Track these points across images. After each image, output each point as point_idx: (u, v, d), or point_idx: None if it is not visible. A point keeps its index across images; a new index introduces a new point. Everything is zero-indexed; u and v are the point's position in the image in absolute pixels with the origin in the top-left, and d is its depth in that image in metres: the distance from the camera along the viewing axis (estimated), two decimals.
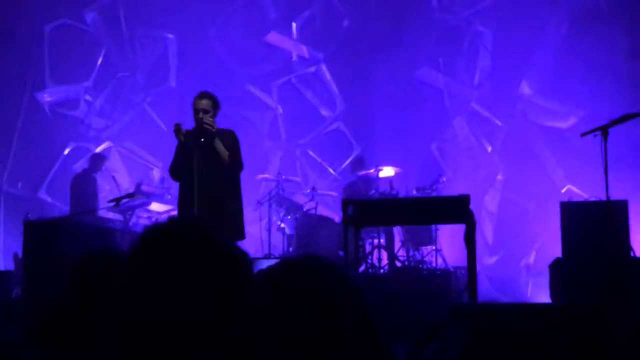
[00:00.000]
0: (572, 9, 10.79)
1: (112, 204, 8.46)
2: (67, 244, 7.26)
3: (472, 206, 6.45)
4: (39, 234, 7.35)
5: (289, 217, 10.07)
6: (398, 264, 9.59)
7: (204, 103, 6.71)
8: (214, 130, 6.59)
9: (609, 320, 5.50)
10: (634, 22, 10.41)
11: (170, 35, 12.32)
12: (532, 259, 10.53)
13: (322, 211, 10.57)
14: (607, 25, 10.57)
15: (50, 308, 2.42)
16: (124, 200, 8.80)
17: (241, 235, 6.69)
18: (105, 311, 2.29)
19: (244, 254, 1.58)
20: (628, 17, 10.44)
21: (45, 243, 7.17)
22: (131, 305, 1.49)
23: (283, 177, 10.46)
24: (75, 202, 10.56)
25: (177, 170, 6.80)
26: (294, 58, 12.06)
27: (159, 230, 1.57)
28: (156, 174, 11.95)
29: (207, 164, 6.62)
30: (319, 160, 11.80)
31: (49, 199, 12.04)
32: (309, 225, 9.61)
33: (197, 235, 1.55)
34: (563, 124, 10.74)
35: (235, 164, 6.74)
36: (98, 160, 11.14)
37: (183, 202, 6.74)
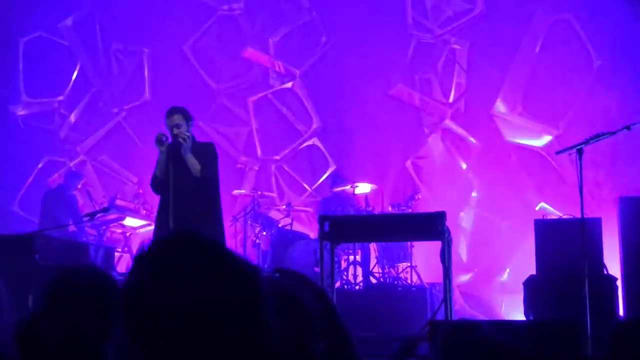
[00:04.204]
0: (546, 27, 10.91)
1: (86, 218, 8.41)
2: (39, 258, 7.19)
3: (447, 223, 6.49)
4: (12, 248, 7.27)
5: (265, 233, 10.06)
6: (373, 280, 9.60)
7: (176, 118, 6.74)
8: (185, 143, 6.59)
9: (582, 337, 5.54)
10: (606, 42, 10.55)
11: (146, 49, 12.29)
12: (506, 276, 10.58)
13: (298, 227, 10.57)
14: (580, 43, 10.70)
15: (24, 324, 2.40)
16: (98, 215, 8.76)
17: None
18: (84, 327, 2.27)
19: (255, 269, 1.55)
20: (600, 36, 10.57)
21: (17, 257, 7.09)
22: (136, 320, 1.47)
23: (258, 192, 10.46)
24: (45, 218, 10.44)
25: (156, 184, 6.80)
26: (271, 74, 12.08)
27: (171, 242, 1.54)
28: (127, 190, 11.88)
29: (184, 178, 6.61)
30: (295, 176, 11.80)
31: (22, 213, 11.93)
32: (284, 241, 9.61)
33: (215, 249, 1.52)
34: (538, 142, 10.83)
35: (209, 177, 6.73)
36: (75, 178, 11.04)
37: (160, 215, 6.73)
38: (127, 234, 10.58)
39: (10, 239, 7.61)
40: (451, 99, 11.31)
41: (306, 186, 11.61)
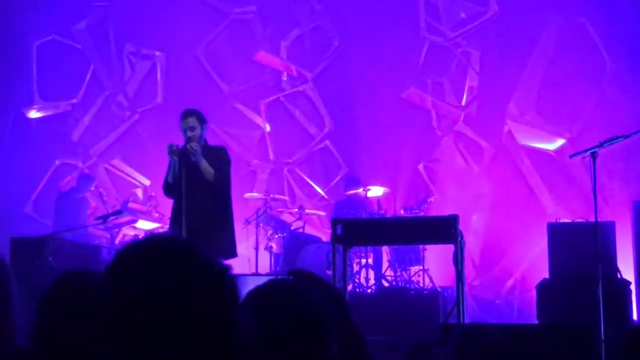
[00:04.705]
0: (559, 31, 10.88)
1: (99, 221, 8.44)
2: (53, 261, 7.22)
3: (459, 227, 6.47)
4: (26, 252, 7.30)
5: (277, 236, 10.06)
6: (385, 284, 9.59)
7: (190, 121, 6.73)
8: (194, 155, 6.58)
9: (595, 341, 5.51)
10: (619, 45, 10.50)
11: (159, 53, 12.33)
12: (518, 279, 10.54)
13: (310, 230, 10.56)
14: (593, 47, 10.66)
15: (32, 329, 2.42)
16: (111, 218, 8.78)
17: (232, 253, 6.68)
18: (77, 330, 2.28)
19: (225, 268, 1.58)
20: (613, 40, 10.52)
21: (31, 260, 7.12)
22: (109, 321, 1.49)
23: (271, 195, 10.46)
24: (58, 221, 10.49)
25: (169, 189, 6.81)
26: (283, 77, 12.09)
27: (135, 245, 1.57)
28: (139, 192, 11.91)
29: (196, 183, 6.62)
30: (307, 179, 11.80)
31: (35, 215, 11.98)
32: (296, 244, 9.61)
33: (173, 249, 1.55)
34: (550, 145, 10.79)
35: (221, 181, 6.73)
36: (86, 181, 11.09)
37: (174, 220, 6.74)
38: (140, 237, 10.60)
39: (25, 242, 7.64)
40: (463, 102, 11.30)
41: (318, 189, 11.61)
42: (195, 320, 1.46)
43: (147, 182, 11.92)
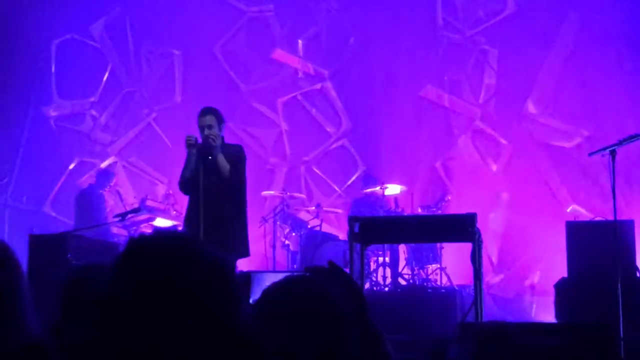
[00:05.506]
0: (578, 28, 10.82)
1: (117, 219, 8.47)
2: (72, 258, 7.26)
3: (477, 225, 6.45)
4: (45, 248, 7.34)
5: (294, 234, 10.07)
6: (403, 282, 9.57)
7: (208, 119, 6.72)
8: (215, 143, 6.57)
9: (614, 340, 5.48)
10: (638, 43, 10.43)
11: (176, 51, 12.36)
12: (536, 278, 10.50)
13: (327, 228, 10.56)
14: (612, 44, 10.59)
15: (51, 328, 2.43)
16: (129, 216, 8.82)
17: (245, 252, 6.66)
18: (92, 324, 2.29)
19: (227, 264, 1.59)
20: (632, 37, 10.46)
21: (50, 257, 7.16)
22: (114, 316, 1.51)
23: (288, 194, 10.47)
24: (80, 218, 10.56)
25: (185, 185, 6.81)
26: (300, 75, 12.09)
27: (140, 240, 1.59)
28: (157, 190, 11.94)
29: (214, 179, 6.62)
30: (324, 177, 11.80)
31: (53, 214, 12.05)
32: (313, 242, 9.62)
33: (176, 244, 1.56)
34: (568, 143, 10.74)
35: (237, 178, 6.72)
36: (106, 177, 11.15)
37: (189, 218, 6.75)
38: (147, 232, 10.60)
39: (44, 239, 7.69)
40: (481, 100, 11.26)
41: (335, 187, 11.61)
42: (199, 316, 1.47)
43: (164, 180, 11.95)
